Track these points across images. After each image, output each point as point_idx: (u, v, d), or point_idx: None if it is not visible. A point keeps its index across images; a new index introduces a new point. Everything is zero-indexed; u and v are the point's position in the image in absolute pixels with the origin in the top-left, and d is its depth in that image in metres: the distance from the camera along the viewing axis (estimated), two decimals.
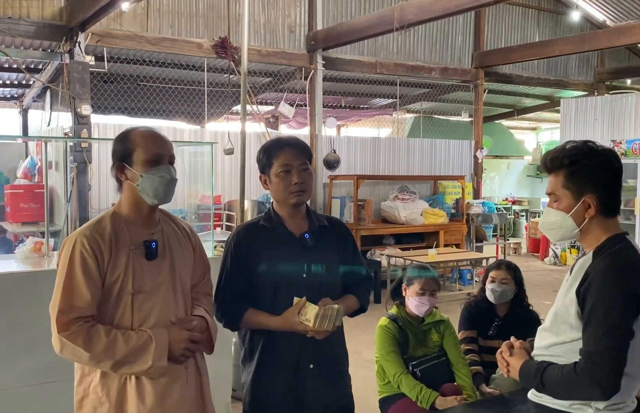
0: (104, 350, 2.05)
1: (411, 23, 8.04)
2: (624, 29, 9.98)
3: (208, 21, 8.98)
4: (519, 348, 2.18)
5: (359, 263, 2.67)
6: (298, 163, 2.45)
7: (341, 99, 13.33)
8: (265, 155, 2.50)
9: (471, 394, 3.48)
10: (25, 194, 8.35)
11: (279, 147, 2.48)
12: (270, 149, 2.49)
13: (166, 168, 2.23)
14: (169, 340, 2.12)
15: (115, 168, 2.22)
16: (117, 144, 2.24)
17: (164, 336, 2.12)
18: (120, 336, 2.08)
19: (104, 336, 2.06)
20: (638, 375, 1.99)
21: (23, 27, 7.49)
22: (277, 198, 2.51)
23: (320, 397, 2.48)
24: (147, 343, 2.09)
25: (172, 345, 2.13)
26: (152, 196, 2.20)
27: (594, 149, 2.03)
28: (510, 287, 3.86)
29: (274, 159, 2.46)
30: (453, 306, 7.14)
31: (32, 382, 3.55)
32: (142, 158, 2.19)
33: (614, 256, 1.96)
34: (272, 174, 2.47)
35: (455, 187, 11.21)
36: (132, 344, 2.08)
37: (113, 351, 2.06)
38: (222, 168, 9.27)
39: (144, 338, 2.10)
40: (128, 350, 2.07)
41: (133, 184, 2.20)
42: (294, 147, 2.48)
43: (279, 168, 2.45)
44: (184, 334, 2.16)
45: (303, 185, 2.45)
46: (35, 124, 11.65)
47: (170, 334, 2.14)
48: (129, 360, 2.08)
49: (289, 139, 2.56)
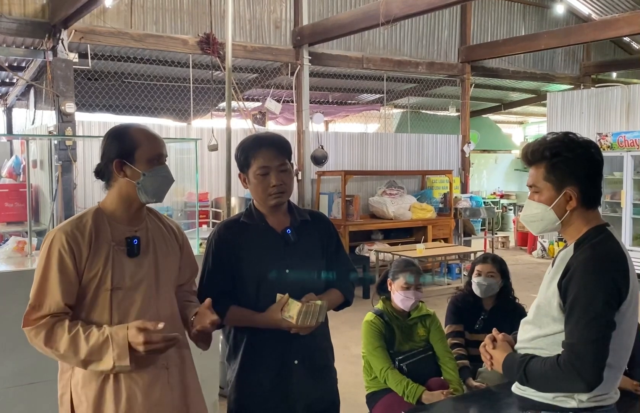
0: (67, 347, 2.02)
1: (397, 18, 8.04)
2: (609, 23, 10.04)
3: (193, 17, 8.93)
4: (502, 341, 2.18)
5: (342, 256, 2.65)
6: (277, 163, 2.40)
7: (328, 94, 13.33)
8: (243, 155, 2.44)
9: (458, 388, 3.48)
10: (10, 194, 8.28)
11: (257, 148, 2.41)
12: (248, 150, 2.43)
13: (167, 167, 2.23)
14: (129, 341, 2.03)
15: (114, 164, 2.16)
16: (115, 140, 2.19)
17: (122, 337, 2.03)
18: (81, 334, 2.03)
19: (66, 333, 2.03)
20: (620, 366, 2.00)
21: (5, 25, 7.40)
22: (256, 198, 2.49)
23: (305, 392, 2.47)
24: (106, 343, 2.03)
25: (133, 345, 2.03)
26: (151, 195, 2.19)
27: (575, 141, 2.03)
28: (497, 280, 3.87)
29: (251, 160, 2.41)
30: (441, 300, 7.15)
31: (15, 383, 3.51)
32: (145, 156, 2.17)
33: (595, 247, 1.97)
34: (251, 174, 2.43)
35: (443, 182, 11.24)
36: (92, 343, 2.03)
37: (76, 350, 2.02)
38: (209, 165, 9.23)
39: (103, 337, 2.03)
40: (89, 349, 2.03)
41: (132, 182, 2.17)
42: (272, 147, 2.42)
43: (257, 169, 2.40)
44: (139, 337, 2.00)
45: (282, 186, 2.41)
46: (19, 123, 11.54)
47: (130, 335, 2.03)
48: (92, 358, 2.03)
49: (266, 137, 2.48)
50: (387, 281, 3.63)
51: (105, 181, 2.22)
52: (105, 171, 2.20)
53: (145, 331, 2.01)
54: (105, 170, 2.20)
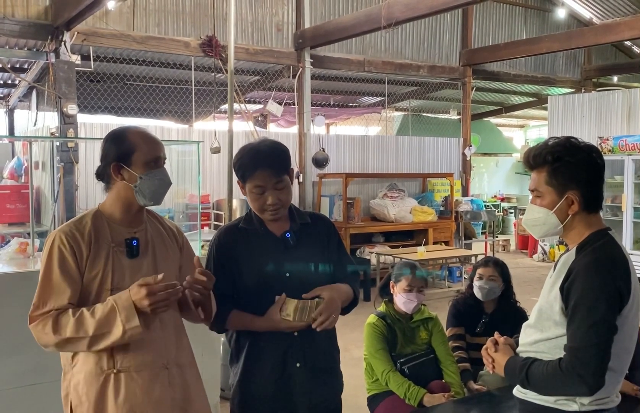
0: (74, 330, 2.03)
1: (398, 21, 8.05)
2: (610, 27, 10.05)
3: (195, 19, 8.94)
4: (504, 344, 2.18)
5: (344, 255, 2.63)
6: (273, 181, 2.38)
7: (330, 97, 13.33)
8: (240, 171, 2.42)
9: (459, 391, 3.49)
10: (11, 195, 8.29)
11: (252, 169, 2.37)
12: (244, 168, 2.39)
13: (164, 170, 2.24)
14: (132, 300, 2.03)
15: (111, 167, 2.18)
16: (112, 144, 2.20)
17: (125, 299, 2.04)
18: (86, 312, 2.05)
19: (71, 318, 2.04)
20: (622, 370, 2.00)
21: (8, 26, 7.42)
22: (253, 209, 2.48)
23: (308, 395, 2.46)
24: (112, 311, 2.04)
25: (138, 304, 2.03)
26: (148, 198, 2.20)
27: (577, 145, 2.03)
28: (498, 284, 3.88)
29: (247, 178, 2.40)
30: (442, 303, 7.16)
31: (19, 384, 3.52)
32: (142, 159, 2.18)
33: (597, 251, 1.97)
34: (247, 189, 2.43)
35: (444, 185, 11.24)
36: (99, 316, 2.04)
37: (84, 328, 2.03)
38: (211, 167, 9.24)
39: (108, 306, 2.05)
40: (96, 323, 2.03)
41: (129, 185, 2.18)
42: (268, 168, 2.37)
43: (253, 188, 2.39)
44: (142, 291, 2.02)
45: (278, 204, 2.40)
46: (21, 124, 11.55)
47: (132, 294, 2.04)
48: (102, 332, 2.03)
49: (263, 156, 2.38)
50: (390, 284, 3.64)
51: (105, 184, 2.24)
52: (104, 174, 2.22)
53: (147, 285, 2.02)
54: (104, 173, 2.22)
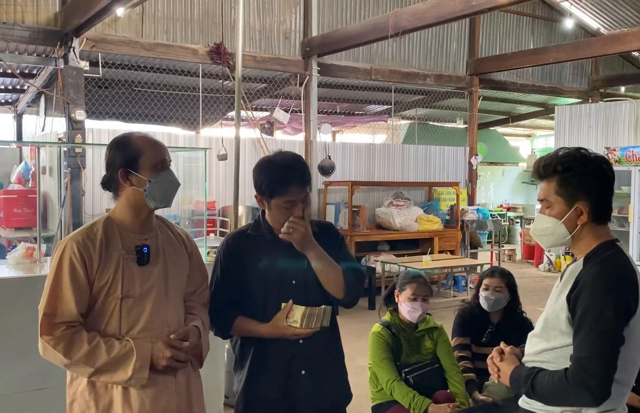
0: (85, 357, 2.06)
1: (405, 30, 8.07)
2: (618, 37, 10.03)
3: (203, 27, 8.98)
4: (509, 354, 2.18)
5: (345, 254, 2.56)
6: (302, 195, 2.39)
7: (336, 105, 13.35)
8: (270, 188, 2.38)
9: (464, 401, 3.47)
10: (18, 200, 8.33)
11: (285, 184, 2.36)
12: (276, 183, 2.37)
13: (172, 172, 2.26)
14: (152, 354, 2.11)
15: (119, 173, 2.19)
16: (118, 150, 2.22)
17: (147, 350, 2.10)
18: (102, 345, 2.08)
19: (85, 344, 2.06)
20: (628, 382, 1.99)
21: (17, 32, 7.47)
22: (273, 224, 2.45)
23: (313, 402, 2.46)
24: (128, 354, 2.08)
25: (155, 360, 2.12)
26: (159, 201, 2.22)
27: (587, 156, 2.04)
28: (504, 295, 3.86)
29: (278, 194, 2.37)
30: (448, 312, 7.14)
31: (23, 389, 3.53)
32: (149, 163, 2.20)
33: (605, 262, 1.97)
34: (273, 204, 2.40)
35: (449, 193, 11.23)
36: (114, 354, 2.08)
37: (94, 359, 2.06)
38: (217, 174, 9.26)
39: (127, 348, 2.09)
40: (109, 360, 2.07)
41: (138, 190, 2.19)
42: (299, 181, 2.38)
43: (284, 203, 2.37)
44: (167, 352, 2.12)
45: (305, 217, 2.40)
46: (29, 129, 11.61)
47: (154, 349, 2.12)
48: (108, 369, 2.08)
49: (294, 171, 2.39)
50: (395, 293, 3.63)
51: (113, 191, 2.25)
52: (111, 181, 2.23)
53: (173, 348, 2.12)
54: (112, 180, 2.22)
